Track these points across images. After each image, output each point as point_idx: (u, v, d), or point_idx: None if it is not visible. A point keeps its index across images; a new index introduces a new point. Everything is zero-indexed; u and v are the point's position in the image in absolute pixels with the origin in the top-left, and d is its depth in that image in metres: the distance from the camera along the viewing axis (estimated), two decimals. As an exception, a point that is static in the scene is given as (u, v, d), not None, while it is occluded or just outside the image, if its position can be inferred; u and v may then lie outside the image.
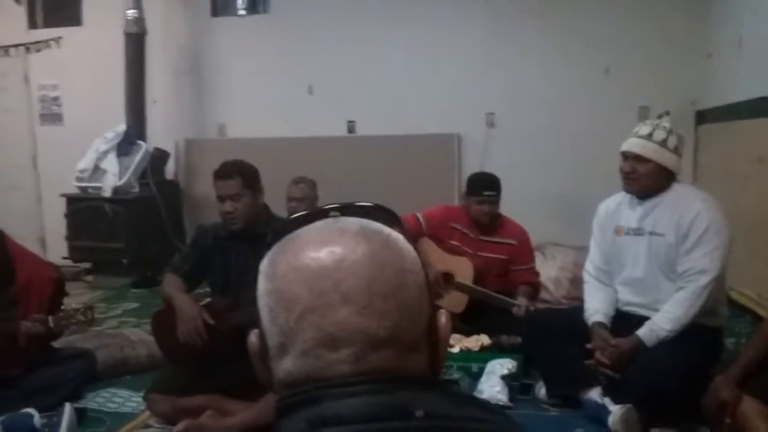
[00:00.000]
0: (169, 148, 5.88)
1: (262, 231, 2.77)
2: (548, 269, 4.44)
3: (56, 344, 3.14)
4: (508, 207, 3.78)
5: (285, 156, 5.20)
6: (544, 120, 5.23)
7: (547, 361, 2.89)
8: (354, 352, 0.61)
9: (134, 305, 4.80)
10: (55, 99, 6.27)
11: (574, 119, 5.19)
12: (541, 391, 2.92)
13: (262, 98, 5.76)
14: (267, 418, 2.42)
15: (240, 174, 2.73)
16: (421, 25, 5.45)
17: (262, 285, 0.66)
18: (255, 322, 0.68)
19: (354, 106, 5.61)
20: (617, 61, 5.13)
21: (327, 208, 0.69)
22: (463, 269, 3.51)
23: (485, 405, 0.66)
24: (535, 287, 3.66)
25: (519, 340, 3.20)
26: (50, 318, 2.83)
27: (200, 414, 2.60)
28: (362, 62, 5.55)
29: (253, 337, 0.68)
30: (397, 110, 5.46)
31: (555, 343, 2.83)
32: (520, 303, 3.33)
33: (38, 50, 6.15)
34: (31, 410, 2.64)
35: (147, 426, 2.74)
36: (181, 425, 2.54)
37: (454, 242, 3.61)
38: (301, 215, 0.69)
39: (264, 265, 0.67)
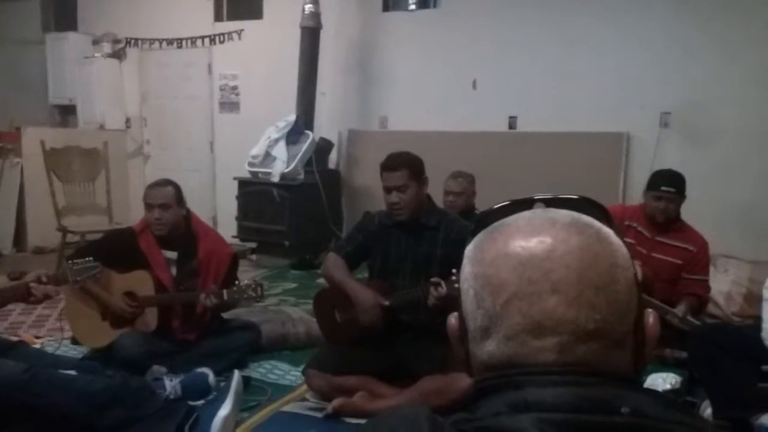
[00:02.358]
0: (333, 138, 6.13)
1: (424, 221, 2.82)
2: (719, 283, 4.13)
3: (226, 315, 3.38)
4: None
5: (444, 150, 5.23)
6: (727, 121, 4.86)
7: (715, 380, 2.68)
8: (559, 342, 0.61)
9: (293, 285, 5.05)
10: (234, 88, 6.73)
11: (765, 122, 4.77)
12: (707, 411, 2.72)
13: (426, 92, 5.84)
14: (416, 404, 2.45)
15: (407, 165, 2.79)
16: (591, 17, 5.25)
17: (468, 269, 0.68)
18: (453, 305, 0.70)
19: (516, 101, 5.53)
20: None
21: (532, 199, 0.70)
22: None
23: (691, 411, 0.64)
24: (702, 301, 3.41)
25: (684, 354, 3.00)
26: (225, 291, 3.04)
27: (354, 393, 2.69)
28: (528, 56, 5.45)
29: (452, 319, 0.71)
30: (561, 106, 5.32)
31: (726, 361, 2.62)
32: (677, 311, 3.12)
33: (222, 42, 6.64)
34: (206, 369, 2.86)
35: (304, 399, 2.86)
36: (336, 402, 2.66)
37: (629, 240, 3.45)
38: (504, 204, 0.70)
39: (470, 249, 0.69)
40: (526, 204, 0.69)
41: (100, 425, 2.30)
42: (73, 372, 2.34)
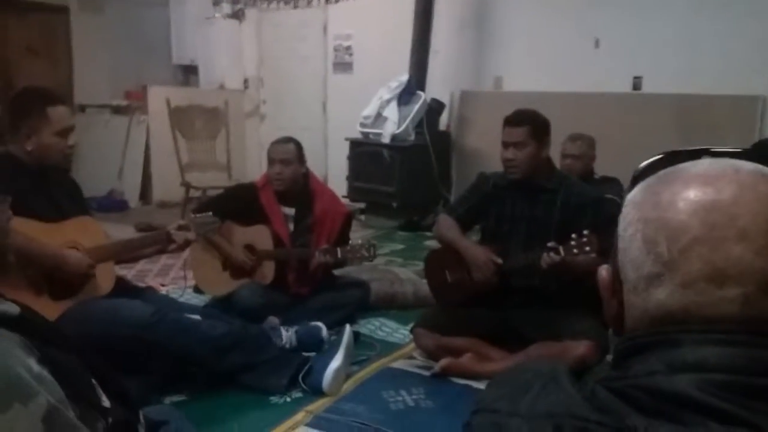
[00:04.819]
0: (445, 99, 6.03)
1: (541, 184, 2.73)
2: None
3: (337, 272, 3.45)
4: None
5: (562, 112, 4.98)
6: None
7: None
8: (744, 293, 0.57)
9: (401, 246, 5.08)
10: (348, 48, 6.75)
11: None
12: None
13: (544, 51, 5.62)
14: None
15: (529, 123, 2.69)
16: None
17: (634, 214, 0.64)
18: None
19: (642, 61, 5.22)
20: None
21: (698, 149, 0.65)
22: None
23: None
24: None
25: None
26: (339, 249, 3.11)
27: (461, 354, 2.68)
28: (655, 13, 5.11)
29: (603, 271, 0.68)
30: (690, 66, 4.97)
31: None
32: None
33: (337, 1, 6.66)
34: (320, 324, 2.93)
35: (411, 357, 2.89)
36: (443, 361, 2.65)
37: None
38: (670, 152, 0.66)
39: (636, 194, 0.65)
40: (692, 154, 0.66)
41: (219, 368, 2.41)
42: (197, 317, 2.46)
